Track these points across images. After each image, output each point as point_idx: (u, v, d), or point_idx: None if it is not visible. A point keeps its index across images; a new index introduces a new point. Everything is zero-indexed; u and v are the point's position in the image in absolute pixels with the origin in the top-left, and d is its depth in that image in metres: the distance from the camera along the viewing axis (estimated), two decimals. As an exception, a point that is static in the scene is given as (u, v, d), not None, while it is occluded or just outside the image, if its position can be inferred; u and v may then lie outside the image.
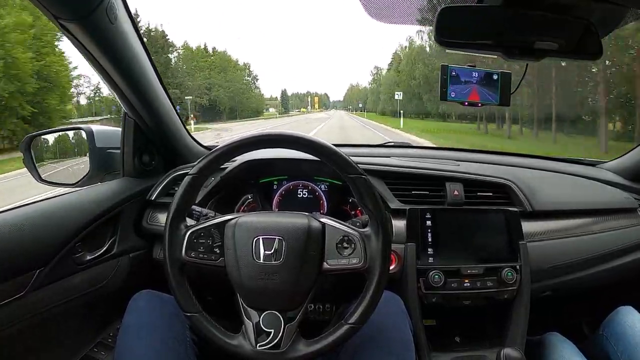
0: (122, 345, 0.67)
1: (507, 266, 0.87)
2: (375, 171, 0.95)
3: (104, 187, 0.92)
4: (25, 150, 0.94)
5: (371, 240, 0.61)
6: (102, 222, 0.84)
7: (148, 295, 0.75)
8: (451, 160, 1.06)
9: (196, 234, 0.62)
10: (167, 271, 0.62)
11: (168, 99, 0.95)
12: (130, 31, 0.76)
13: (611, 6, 0.56)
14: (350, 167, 0.62)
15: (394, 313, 0.75)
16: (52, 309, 0.75)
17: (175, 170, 1.00)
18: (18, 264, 0.68)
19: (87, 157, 0.94)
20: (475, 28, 0.56)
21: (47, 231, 0.73)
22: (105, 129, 0.98)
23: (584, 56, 0.59)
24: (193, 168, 0.63)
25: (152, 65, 0.86)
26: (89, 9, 0.64)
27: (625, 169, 1.11)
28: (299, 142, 0.63)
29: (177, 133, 1.02)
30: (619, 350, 0.78)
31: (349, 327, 0.60)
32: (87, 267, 0.81)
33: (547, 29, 0.56)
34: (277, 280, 0.59)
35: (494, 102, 0.73)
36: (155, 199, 0.96)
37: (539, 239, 0.93)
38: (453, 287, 0.86)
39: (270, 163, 0.99)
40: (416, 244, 0.88)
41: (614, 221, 0.99)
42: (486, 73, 0.72)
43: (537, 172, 1.07)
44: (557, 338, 0.87)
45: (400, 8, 0.70)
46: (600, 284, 1.02)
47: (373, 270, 0.61)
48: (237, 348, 0.60)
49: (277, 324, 0.60)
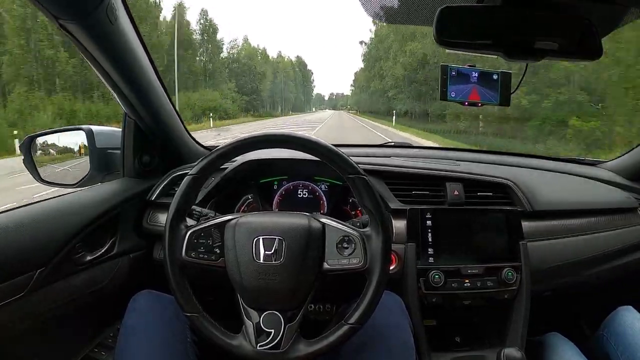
0: (122, 345, 0.67)
1: (507, 266, 0.87)
2: (375, 171, 0.95)
3: (104, 187, 0.92)
4: (26, 151, 0.94)
5: (371, 240, 0.61)
6: (103, 222, 0.84)
7: (148, 295, 0.75)
8: (451, 160, 1.06)
9: (196, 234, 0.62)
10: (167, 271, 0.62)
11: (168, 99, 0.95)
12: (130, 31, 0.76)
13: (611, 6, 0.56)
14: (350, 167, 0.62)
15: (394, 313, 0.75)
16: (52, 309, 0.75)
17: (176, 171, 1.00)
18: (18, 264, 0.68)
19: (87, 157, 0.94)
20: (475, 28, 0.56)
21: (47, 231, 0.73)
22: (105, 129, 0.98)
23: (584, 56, 0.59)
24: (193, 168, 0.63)
25: (152, 66, 0.86)
26: (89, 9, 0.64)
27: (625, 168, 1.11)
28: (299, 142, 0.63)
29: (177, 133, 1.02)
30: (619, 350, 0.78)
31: (349, 327, 0.60)
32: (88, 267, 0.81)
33: (547, 29, 0.56)
34: (277, 280, 0.59)
35: (494, 102, 0.73)
36: (155, 199, 0.96)
37: (539, 239, 0.93)
38: (453, 287, 0.86)
39: (271, 163, 0.99)
40: (416, 244, 0.88)
41: (614, 221, 0.99)
42: (486, 73, 0.72)
43: (537, 172, 1.07)
44: (558, 338, 0.87)
45: (400, 8, 0.70)
46: (600, 284, 1.02)
47: (373, 270, 0.61)
48: (237, 348, 0.60)
49: (278, 324, 0.60)
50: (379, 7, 0.69)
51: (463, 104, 0.72)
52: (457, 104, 0.74)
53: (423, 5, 0.66)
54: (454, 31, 0.55)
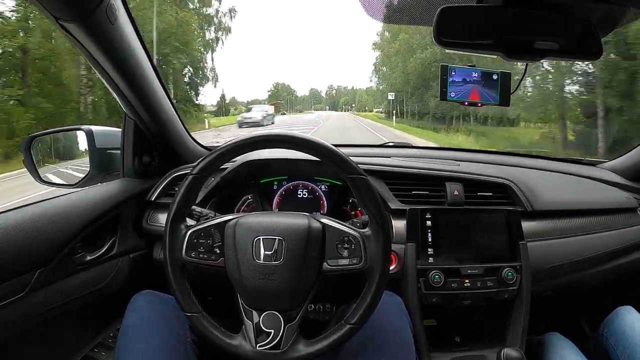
0: (122, 345, 0.67)
1: (507, 266, 0.87)
2: (375, 171, 0.95)
3: (104, 187, 0.92)
4: (26, 151, 0.94)
5: (371, 240, 0.61)
6: (102, 222, 0.84)
7: (148, 295, 0.75)
8: (451, 160, 1.06)
9: (196, 234, 0.62)
10: (167, 272, 0.62)
11: (168, 99, 0.95)
12: (130, 31, 0.76)
13: (611, 6, 0.56)
14: (350, 167, 0.62)
15: (394, 313, 0.75)
16: (52, 309, 0.75)
17: (176, 171, 1.00)
18: (18, 264, 0.68)
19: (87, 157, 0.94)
20: (475, 28, 0.56)
21: (47, 232, 0.73)
22: (105, 129, 0.99)
23: (584, 56, 0.59)
24: (193, 169, 0.63)
25: (152, 66, 0.86)
26: (89, 9, 0.64)
27: (625, 168, 1.11)
28: (299, 142, 0.63)
29: (177, 133, 1.02)
30: (619, 350, 0.78)
31: (349, 328, 0.60)
32: (88, 267, 0.81)
33: (547, 29, 0.56)
34: (277, 280, 0.59)
35: (494, 102, 0.73)
36: (155, 200, 0.96)
37: (539, 239, 0.93)
38: (453, 287, 0.86)
39: (271, 163, 0.99)
40: (416, 244, 0.88)
41: (614, 221, 0.99)
42: (486, 73, 0.72)
43: (537, 172, 1.07)
44: (558, 338, 0.87)
45: (400, 8, 0.70)
46: (600, 283, 1.02)
47: (373, 270, 0.61)
48: (237, 348, 0.60)
49: (278, 324, 0.60)
50: (378, 6, 0.68)
51: (463, 104, 0.72)
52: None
53: (423, 5, 0.66)
54: (454, 31, 0.56)
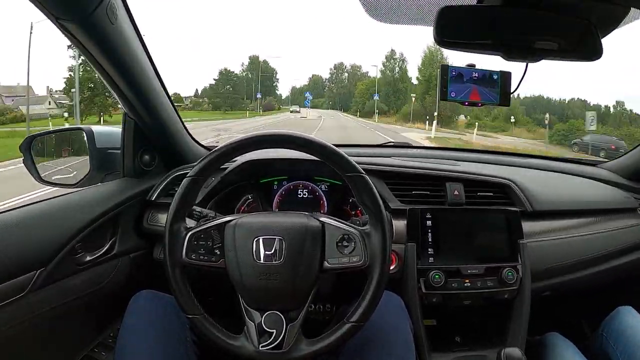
0: (123, 345, 0.67)
1: (507, 266, 0.87)
2: (375, 171, 0.95)
3: (104, 187, 0.92)
4: (26, 151, 0.93)
5: (371, 237, 0.61)
6: (103, 222, 0.84)
7: (148, 295, 0.75)
8: (451, 160, 1.06)
9: (196, 236, 0.62)
10: (168, 274, 0.62)
11: (168, 99, 0.95)
12: (130, 31, 0.76)
13: (611, 6, 0.56)
14: (349, 166, 0.62)
15: (394, 313, 0.75)
16: (52, 309, 0.75)
17: (176, 171, 1.00)
18: (18, 264, 0.68)
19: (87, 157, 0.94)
20: (475, 28, 0.56)
21: (47, 231, 0.73)
22: (106, 129, 0.98)
23: (584, 56, 0.59)
24: (193, 169, 0.63)
25: (152, 65, 0.86)
26: (89, 9, 0.64)
27: (625, 168, 1.11)
28: (299, 142, 0.63)
29: (177, 133, 1.02)
30: (618, 350, 0.78)
31: (350, 326, 0.60)
32: (88, 267, 0.81)
33: (547, 29, 0.56)
34: (278, 280, 0.59)
35: (495, 102, 0.73)
36: (155, 199, 0.96)
37: (539, 238, 0.93)
38: (453, 287, 0.86)
39: (270, 163, 0.99)
40: (416, 244, 0.88)
41: (614, 221, 0.99)
42: (486, 73, 0.72)
43: (537, 172, 1.07)
44: (558, 338, 0.87)
45: (399, 7, 0.70)
46: (600, 284, 1.02)
47: (374, 267, 0.61)
48: (239, 349, 0.60)
49: (279, 324, 0.60)
50: (378, 6, 0.68)
51: (463, 104, 0.72)
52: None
53: (423, 6, 0.66)
54: (453, 31, 0.55)
